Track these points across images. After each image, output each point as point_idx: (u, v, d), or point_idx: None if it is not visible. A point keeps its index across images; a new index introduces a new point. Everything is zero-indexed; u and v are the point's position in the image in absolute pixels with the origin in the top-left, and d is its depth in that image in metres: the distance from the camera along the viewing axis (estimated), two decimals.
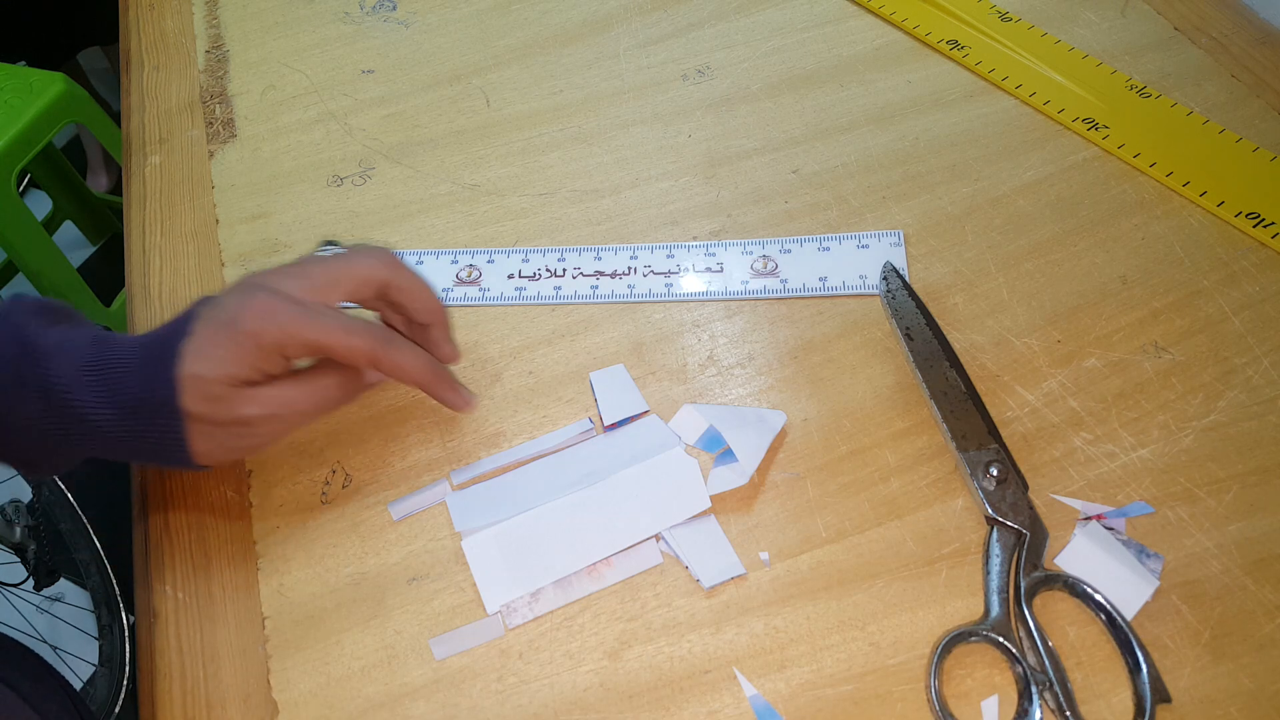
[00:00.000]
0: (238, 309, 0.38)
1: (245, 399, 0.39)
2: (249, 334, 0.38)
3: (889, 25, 0.60)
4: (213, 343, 0.38)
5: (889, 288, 0.46)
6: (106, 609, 1.14)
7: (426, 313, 0.43)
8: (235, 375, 0.38)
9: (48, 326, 0.40)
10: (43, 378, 0.38)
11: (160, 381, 0.38)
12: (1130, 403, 0.43)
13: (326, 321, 0.39)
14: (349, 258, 0.41)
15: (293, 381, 0.40)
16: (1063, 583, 0.38)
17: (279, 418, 0.40)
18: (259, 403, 0.39)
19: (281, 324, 0.38)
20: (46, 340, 0.39)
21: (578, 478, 0.42)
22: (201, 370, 0.38)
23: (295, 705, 0.38)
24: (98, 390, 0.38)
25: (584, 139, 0.57)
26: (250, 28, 0.67)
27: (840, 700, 0.36)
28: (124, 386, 0.38)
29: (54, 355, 0.38)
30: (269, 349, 0.38)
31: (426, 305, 0.43)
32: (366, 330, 0.40)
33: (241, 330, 0.38)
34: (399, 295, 0.42)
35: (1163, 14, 0.58)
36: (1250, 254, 0.47)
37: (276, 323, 0.38)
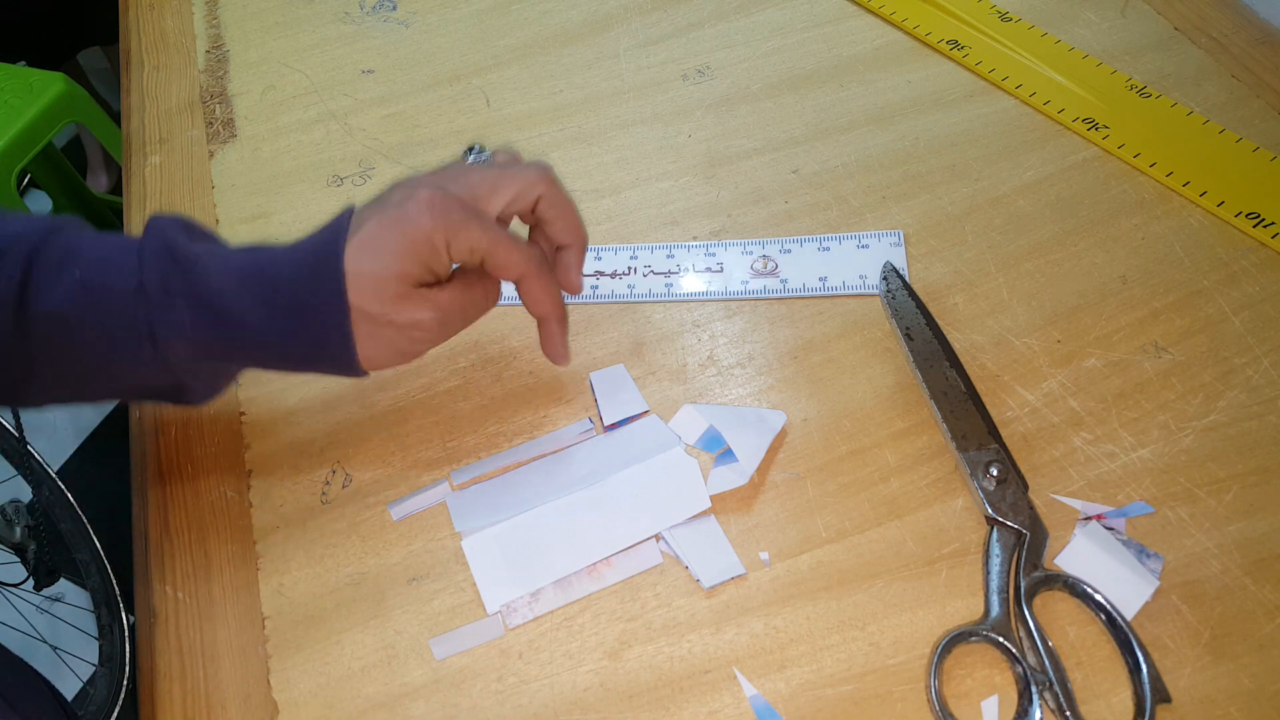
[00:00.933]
0: (408, 204, 0.37)
1: (420, 299, 0.37)
2: (422, 230, 0.36)
3: (889, 25, 0.60)
4: (382, 239, 0.37)
5: (889, 288, 0.46)
6: (106, 609, 1.14)
7: (570, 233, 0.41)
8: (407, 272, 0.37)
9: (196, 237, 0.38)
10: (192, 285, 0.36)
11: (326, 279, 0.36)
12: (1130, 403, 0.43)
13: (490, 226, 0.38)
14: (512, 168, 0.40)
15: (459, 285, 0.39)
16: (1063, 583, 0.38)
17: (447, 323, 0.39)
18: (433, 304, 0.38)
19: (453, 221, 0.37)
20: (193, 250, 0.37)
21: (578, 478, 0.42)
22: (372, 267, 0.36)
23: (295, 705, 0.38)
24: (254, 292, 0.37)
25: (584, 139, 0.57)
26: (250, 28, 0.67)
27: (840, 700, 0.36)
28: (284, 287, 0.37)
29: (202, 262, 0.37)
30: (439, 246, 0.37)
31: (573, 226, 0.41)
32: (526, 247, 0.39)
33: (414, 226, 0.36)
34: (550, 211, 0.40)
35: (1163, 14, 0.58)
36: (1250, 254, 0.47)
37: (449, 220, 0.37)
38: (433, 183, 0.38)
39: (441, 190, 0.37)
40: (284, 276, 0.37)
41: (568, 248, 0.42)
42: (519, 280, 0.39)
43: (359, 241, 0.37)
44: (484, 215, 0.38)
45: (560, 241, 0.42)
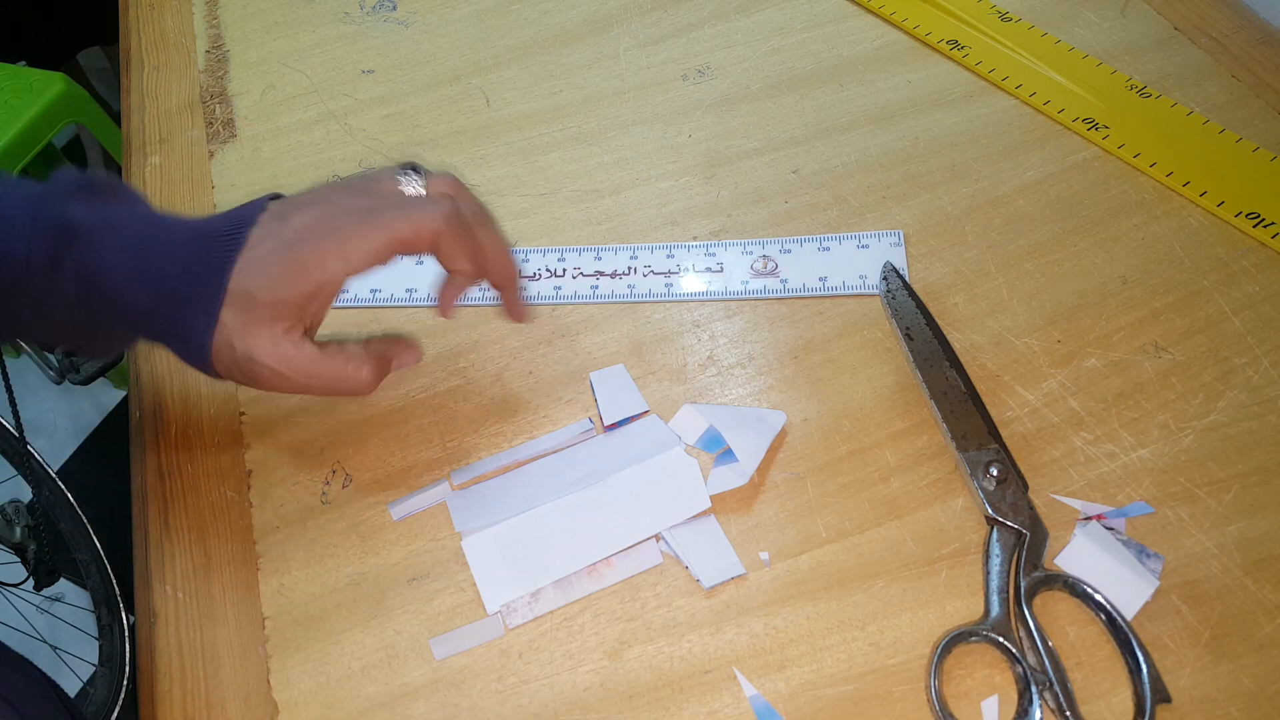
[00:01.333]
0: (299, 230, 0.37)
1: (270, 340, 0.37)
2: (310, 256, 0.37)
3: (889, 25, 0.60)
4: (267, 260, 0.37)
5: (889, 288, 0.46)
6: (106, 609, 1.14)
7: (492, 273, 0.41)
8: (281, 298, 0.37)
9: (92, 204, 0.38)
10: (80, 261, 0.36)
11: (207, 282, 0.36)
12: (1130, 403, 0.43)
13: (384, 217, 0.37)
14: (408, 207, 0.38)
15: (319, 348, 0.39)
16: (1063, 583, 0.38)
17: (284, 377, 0.38)
18: (276, 353, 0.37)
19: (343, 240, 0.37)
20: (89, 219, 0.37)
21: (578, 478, 0.42)
22: (250, 286, 0.36)
23: (295, 705, 0.38)
24: (141, 275, 0.37)
25: (584, 139, 0.57)
26: (250, 28, 0.67)
27: (840, 700, 0.36)
28: (170, 276, 0.37)
29: (96, 235, 0.37)
30: (332, 271, 0.37)
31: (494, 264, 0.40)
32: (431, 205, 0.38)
33: (302, 252, 0.37)
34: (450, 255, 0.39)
35: (1163, 14, 0.58)
36: (1250, 254, 0.47)
37: (338, 239, 0.37)
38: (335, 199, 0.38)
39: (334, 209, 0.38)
40: (171, 264, 0.37)
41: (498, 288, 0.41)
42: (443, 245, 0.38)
43: (249, 258, 0.37)
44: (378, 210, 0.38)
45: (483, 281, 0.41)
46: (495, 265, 0.41)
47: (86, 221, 0.37)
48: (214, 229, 0.38)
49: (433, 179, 0.41)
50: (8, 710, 0.44)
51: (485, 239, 0.40)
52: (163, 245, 0.37)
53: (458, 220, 0.38)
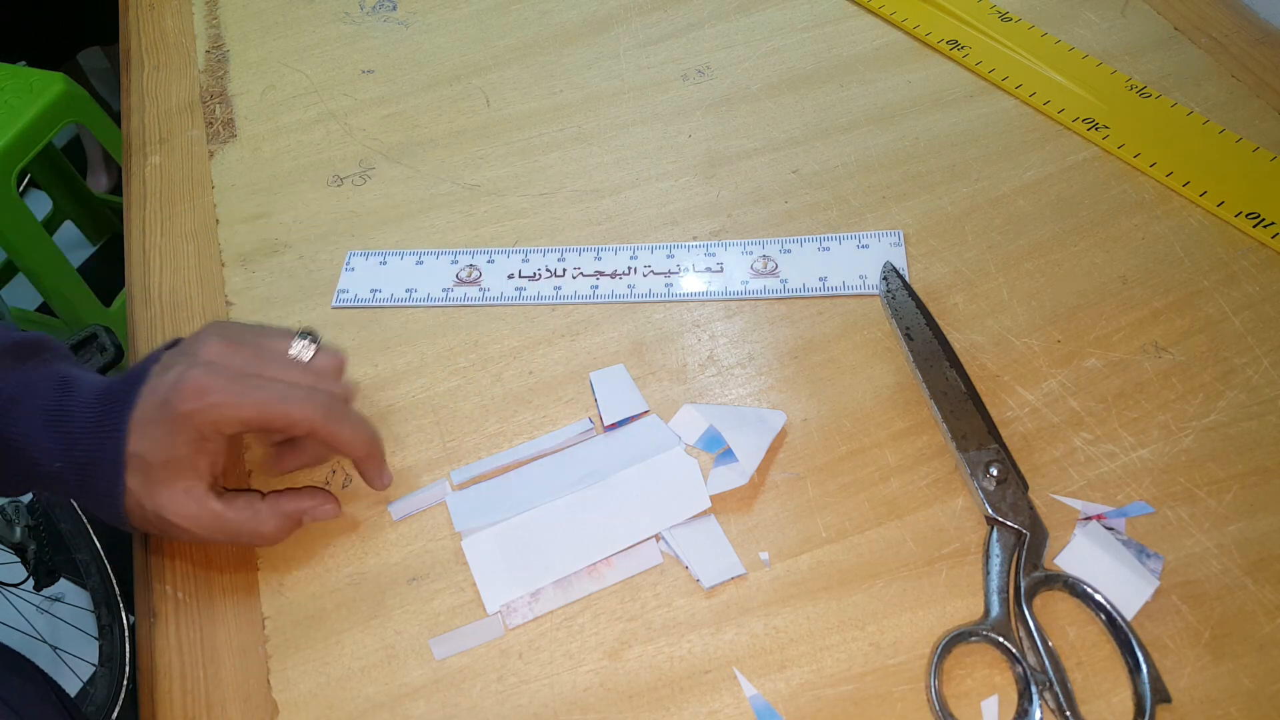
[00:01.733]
0: (171, 389, 0.38)
1: (173, 499, 0.38)
2: (182, 415, 0.37)
3: (889, 25, 0.60)
4: (151, 421, 0.38)
5: (889, 288, 0.46)
6: (106, 609, 1.14)
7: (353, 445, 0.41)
8: (171, 458, 0.38)
9: (12, 367, 0.39)
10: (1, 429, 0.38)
11: (109, 448, 0.38)
12: (1130, 403, 0.43)
13: (262, 394, 0.38)
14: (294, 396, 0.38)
15: (225, 502, 0.39)
16: (1063, 583, 0.38)
17: (192, 532, 0.39)
18: (181, 510, 0.38)
19: (213, 403, 0.37)
20: (7, 386, 0.39)
21: (578, 478, 0.42)
22: (142, 449, 0.38)
23: (295, 705, 0.38)
24: (56, 442, 0.38)
25: (584, 139, 0.57)
26: (250, 28, 0.67)
27: (840, 700, 0.36)
28: (79, 443, 0.38)
29: (17, 403, 0.38)
30: (202, 428, 0.38)
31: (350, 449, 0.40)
32: (307, 397, 0.38)
33: (175, 411, 0.37)
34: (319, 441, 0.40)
35: (1163, 14, 0.58)
36: (1250, 254, 0.47)
37: (207, 401, 0.37)
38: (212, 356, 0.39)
39: (211, 369, 0.38)
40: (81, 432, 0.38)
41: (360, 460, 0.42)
42: (312, 434, 0.39)
43: (137, 419, 0.38)
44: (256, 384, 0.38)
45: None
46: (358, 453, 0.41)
47: (4, 388, 0.38)
48: (116, 390, 0.39)
49: (322, 354, 0.42)
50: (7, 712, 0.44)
51: (349, 433, 0.40)
52: (73, 412, 0.39)
53: (330, 418, 0.39)
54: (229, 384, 0.38)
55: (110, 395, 0.39)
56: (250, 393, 0.38)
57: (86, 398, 0.39)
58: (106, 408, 0.38)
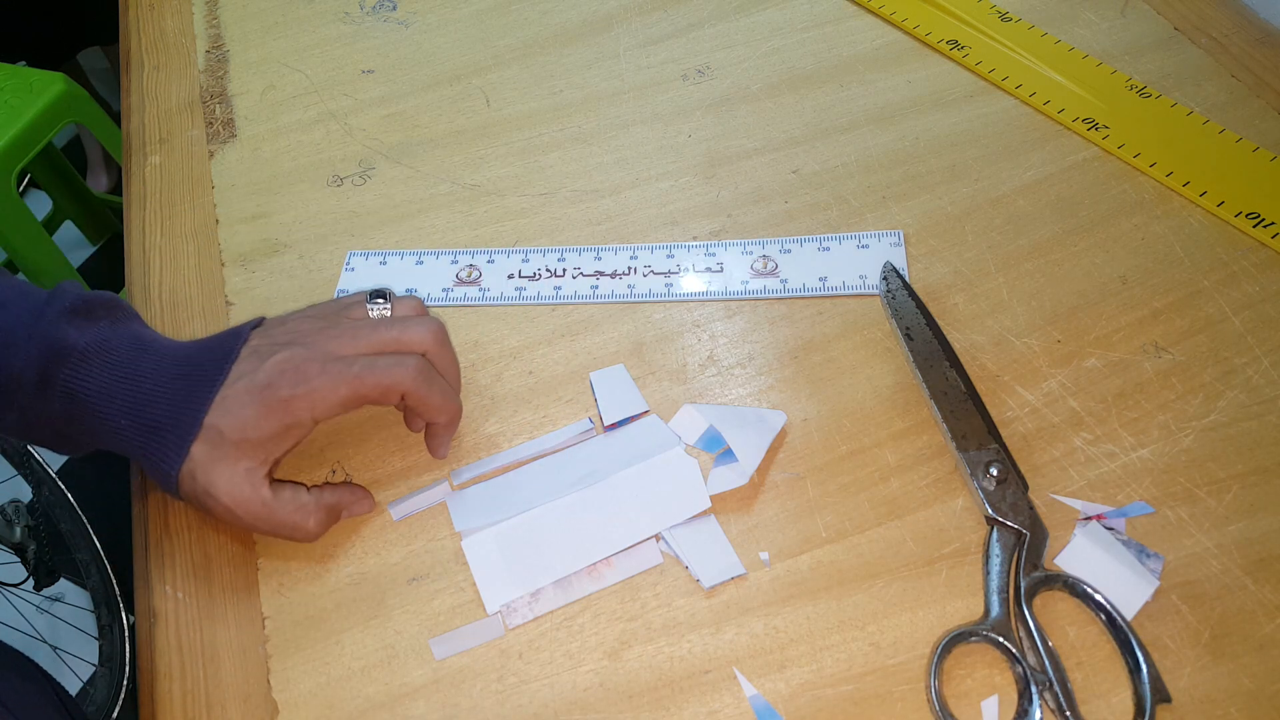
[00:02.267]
0: (276, 372, 0.39)
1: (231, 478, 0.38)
2: (283, 400, 0.38)
3: (889, 25, 0.60)
4: (244, 400, 0.38)
5: (889, 288, 0.46)
6: (106, 609, 1.14)
7: (436, 417, 0.42)
8: (252, 439, 0.38)
9: (86, 324, 0.40)
10: (69, 381, 0.38)
11: (186, 416, 0.38)
12: (1130, 403, 0.43)
13: (355, 371, 0.39)
14: (400, 327, 0.41)
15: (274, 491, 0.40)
16: (1063, 583, 0.38)
17: (237, 516, 0.39)
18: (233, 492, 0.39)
19: (316, 387, 0.38)
20: (80, 341, 0.39)
21: (578, 478, 0.42)
22: (223, 425, 0.38)
23: (295, 705, 0.38)
24: (126, 401, 0.38)
25: (584, 139, 0.57)
26: (250, 28, 0.67)
27: (840, 700, 0.36)
28: (152, 406, 0.39)
29: (88, 359, 0.39)
30: (302, 414, 0.39)
31: (440, 411, 0.42)
32: (397, 364, 0.40)
33: (277, 396, 0.38)
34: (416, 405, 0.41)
35: (1163, 14, 0.58)
36: (1250, 254, 0.47)
37: (310, 387, 0.38)
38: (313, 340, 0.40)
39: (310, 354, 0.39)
40: (155, 395, 0.39)
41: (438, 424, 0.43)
42: (408, 395, 0.40)
43: (224, 397, 0.38)
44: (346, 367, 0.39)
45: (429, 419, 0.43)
46: (446, 413, 0.42)
47: (79, 344, 0.39)
48: (198, 360, 0.40)
49: (398, 302, 0.43)
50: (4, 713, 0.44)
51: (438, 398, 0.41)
52: (149, 373, 0.39)
53: (424, 378, 0.40)
54: (326, 367, 0.39)
55: (192, 363, 0.39)
56: (345, 373, 0.39)
57: (164, 362, 0.39)
58: (189, 376, 0.39)
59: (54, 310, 0.39)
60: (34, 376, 0.38)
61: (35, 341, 0.38)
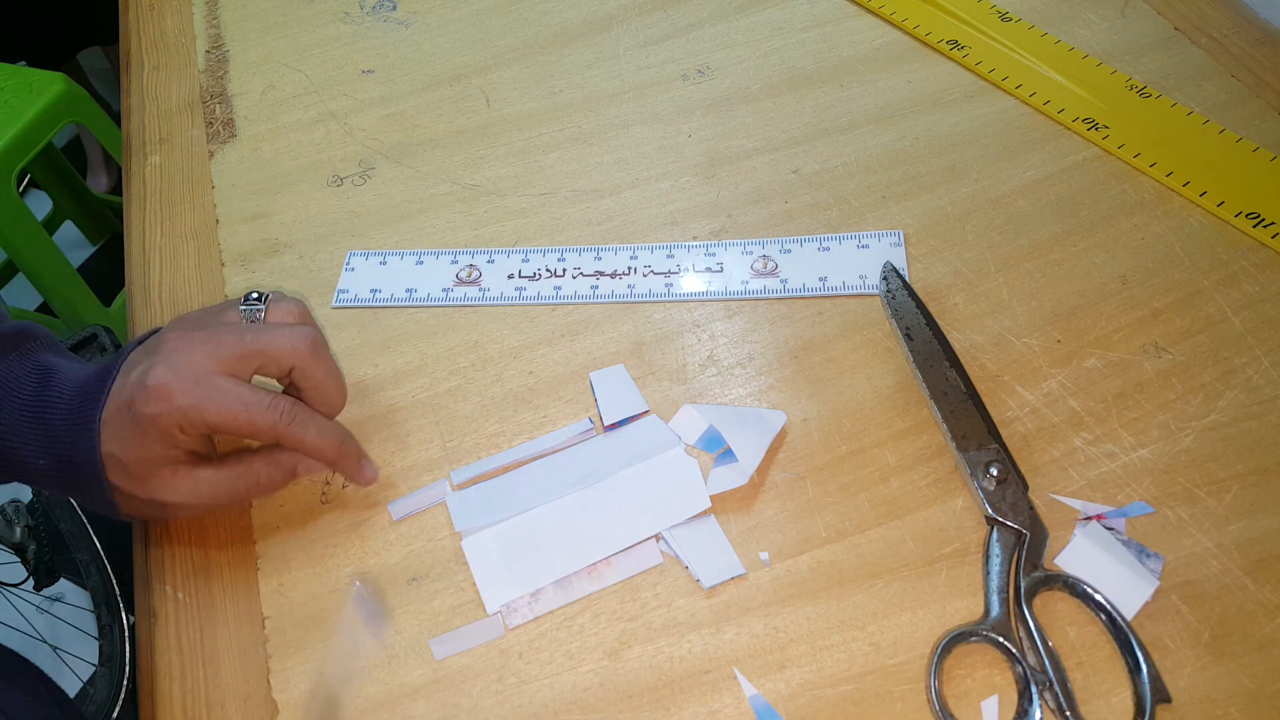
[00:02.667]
0: (135, 390, 0.38)
1: (161, 484, 0.38)
2: (147, 417, 0.37)
3: (889, 25, 0.60)
4: (118, 423, 0.38)
5: (889, 288, 0.46)
6: (106, 609, 1.14)
7: (326, 407, 0.42)
8: (141, 456, 0.38)
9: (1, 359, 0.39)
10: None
11: (84, 447, 0.38)
12: (1130, 403, 0.43)
13: (223, 402, 0.38)
14: (268, 335, 0.40)
15: (215, 467, 0.40)
16: (1063, 583, 0.38)
17: (192, 506, 0.40)
18: (175, 490, 0.39)
19: (178, 406, 0.37)
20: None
21: (578, 478, 0.42)
22: (115, 450, 0.38)
23: (295, 705, 0.38)
24: (38, 438, 0.38)
25: (584, 139, 0.57)
26: (250, 28, 0.67)
27: (840, 700, 0.36)
28: (58, 439, 0.38)
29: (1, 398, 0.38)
30: (169, 429, 0.38)
31: (328, 400, 0.41)
32: (267, 408, 0.39)
33: (139, 413, 0.37)
34: (304, 382, 0.41)
35: (1163, 14, 0.58)
36: (1250, 254, 0.47)
37: (172, 405, 0.37)
38: (177, 351, 0.38)
39: (173, 369, 0.38)
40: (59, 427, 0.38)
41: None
42: (275, 440, 0.40)
43: (106, 419, 0.38)
44: (218, 390, 0.38)
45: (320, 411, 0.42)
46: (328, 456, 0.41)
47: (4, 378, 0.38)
48: (88, 385, 0.39)
49: (275, 305, 0.42)
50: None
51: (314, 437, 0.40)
52: (53, 404, 0.39)
53: (294, 425, 0.39)
54: (193, 386, 0.37)
55: (84, 390, 0.39)
56: (215, 397, 0.38)
57: (65, 391, 0.39)
58: (80, 403, 0.38)
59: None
60: None
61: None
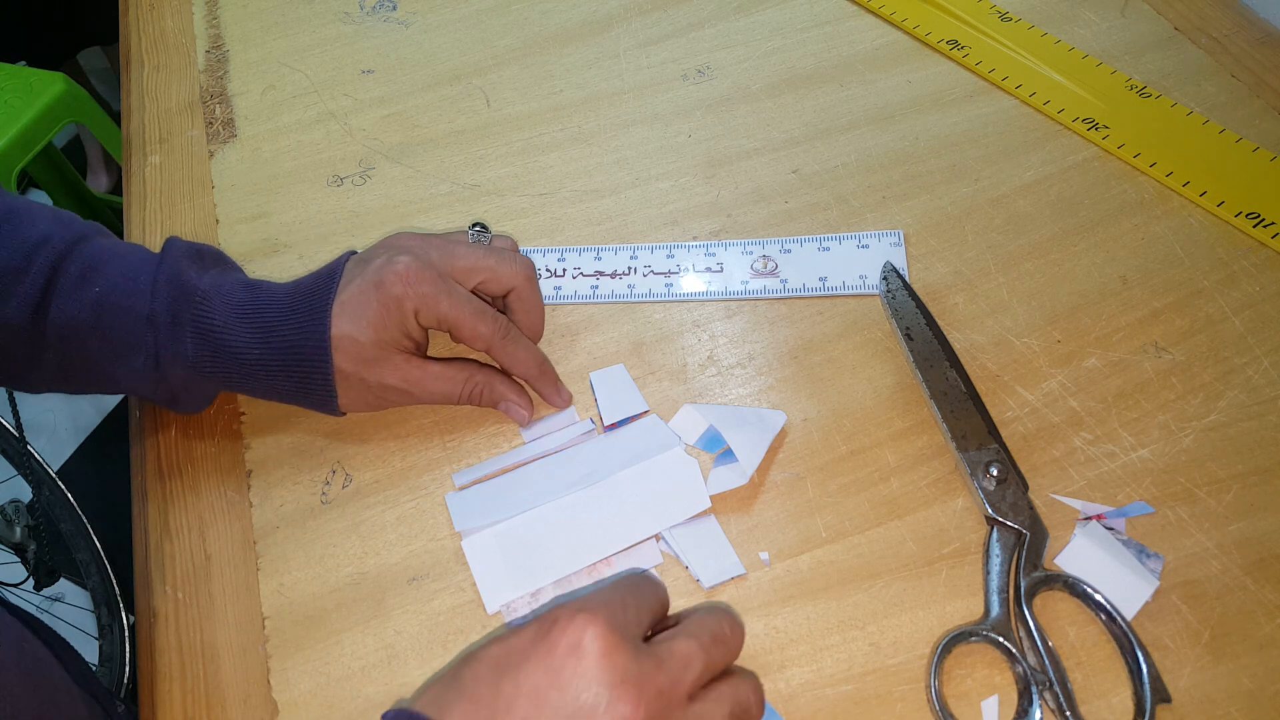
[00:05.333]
0: (383, 272, 0.41)
1: (393, 368, 0.41)
2: (393, 298, 0.40)
3: (889, 25, 0.60)
4: (360, 303, 0.40)
5: (889, 288, 0.46)
6: (106, 609, 1.14)
7: (532, 331, 0.46)
8: (381, 338, 0.41)
9: (202, 270, 0.42)
10: (198, 318, 0.40)
11: (313, 332, 0.40)
12: (1130, 403, 0.43)
13: (459, 300, 0.41)
14: (497, 254, 0.44)
15: (442, 364, 0.43)
16: (1063, 583, 0.38)
17: (414, 394, 0.43)
18: (402, 375, 0.42)
19: (421, 292, 0.40)
20: (201, 283, 0.41)
21: (578, 478, 0.42)
22: (351, 330, 0.40)
23: (295, 705, 0.38)
24: (252, 332, 0.40)
25: (584, 139, 0.57)
26: (250, 28, 0.67)
27: (840, 700, 0.36)
28: (277, 330, 0.40)
29: (210, 298, 0.40)
30: (409, 314, 0.41)
31: (533, 326, 0.45)
32: (492, 318, 0.42)
33: (386, 294, 0.40)
34: (518, 305, 0.45)
35: (1163, 14, 0.58)
36: (1250, 254, 0.47)
37: (417, 290, 0.40)
38: (416, 249, 0.42)
39: (419, 260, 0.41)
40: (277, 320, 0.41)
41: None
42: (488, 349, 0.43)
43: (342, 303, 0.41)
44: (455, 289, 0.42)
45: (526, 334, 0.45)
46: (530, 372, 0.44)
47: (199, 285, 0.41)
48: (306, 285, 0.42)
49: (496, 238, 0.47)
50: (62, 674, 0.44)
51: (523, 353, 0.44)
52: (265, 306, 0.41)
53: (508, 338, 0.43)
54: (436, 278, 0.41)
55: (302, 288, 0.41)
56: (453, 293, 0.41)
57: (276, 295, 0.41)
58: (301, 300, 0.41)
59: (174, 254, 0.41)
60: (166, 316, 0.40)
61: (163, 283, 0.40)
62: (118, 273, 0.40)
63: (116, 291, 0.40)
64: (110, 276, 0.40)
